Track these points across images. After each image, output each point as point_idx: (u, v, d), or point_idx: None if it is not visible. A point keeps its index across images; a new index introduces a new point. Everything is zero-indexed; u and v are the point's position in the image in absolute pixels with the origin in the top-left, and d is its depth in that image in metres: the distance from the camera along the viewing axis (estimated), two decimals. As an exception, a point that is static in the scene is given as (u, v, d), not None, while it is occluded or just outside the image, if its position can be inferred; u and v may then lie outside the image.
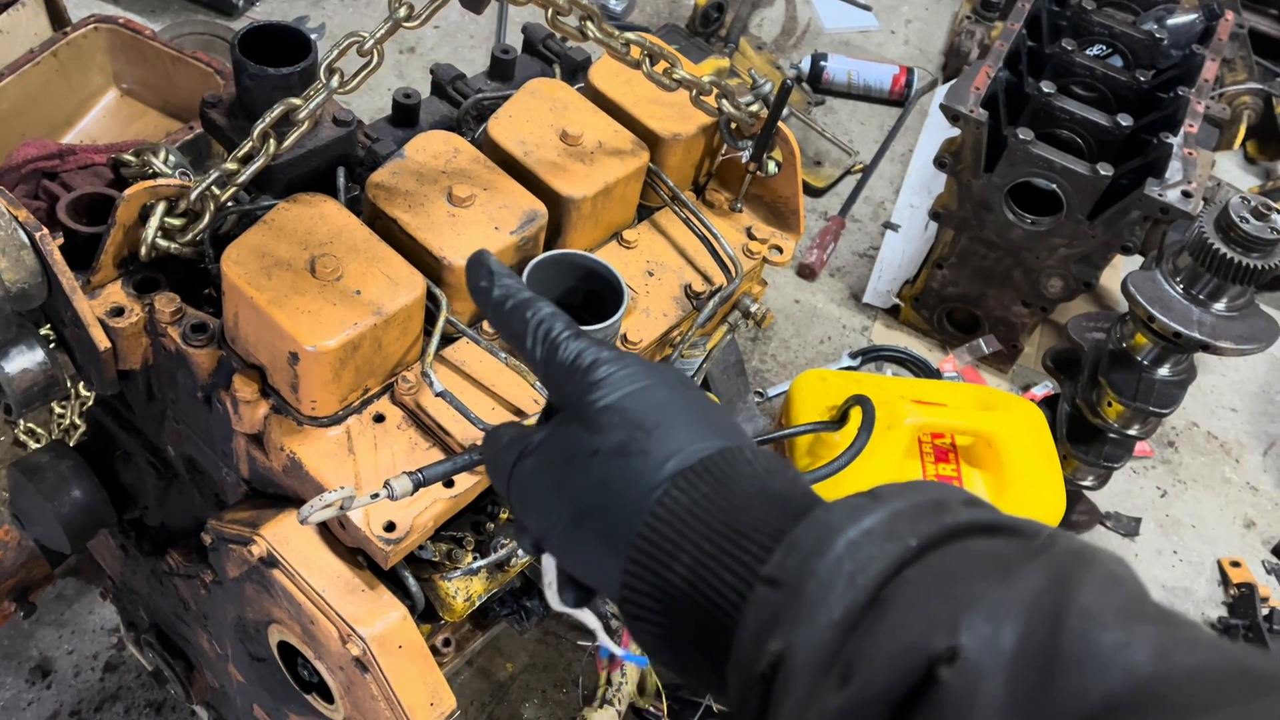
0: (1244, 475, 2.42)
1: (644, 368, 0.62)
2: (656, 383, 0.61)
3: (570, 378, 0.62)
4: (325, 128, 1.14)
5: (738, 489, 0.56)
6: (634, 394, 0.61)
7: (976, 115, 2.06)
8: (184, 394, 1.10)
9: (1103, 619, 0.41)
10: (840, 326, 2.52)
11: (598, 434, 0.59)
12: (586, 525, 0.59)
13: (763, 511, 0.54)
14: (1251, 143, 3.06)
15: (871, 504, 0.49)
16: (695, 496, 0.56)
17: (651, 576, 0.55)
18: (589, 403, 0.61)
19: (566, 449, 0.61)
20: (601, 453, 0.59)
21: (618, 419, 0.59)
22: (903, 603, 0.45)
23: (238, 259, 0.98)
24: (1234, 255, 1.57)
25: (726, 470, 0.57)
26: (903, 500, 0.50)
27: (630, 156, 1.19)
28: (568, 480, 0.60)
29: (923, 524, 0.48)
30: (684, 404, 0.61)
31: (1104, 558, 0.46)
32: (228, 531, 1.04)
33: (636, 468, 0.58)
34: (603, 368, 0.62)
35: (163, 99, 2.34)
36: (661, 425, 0.59)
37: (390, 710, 0.98)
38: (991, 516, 0.49)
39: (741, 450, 0.58)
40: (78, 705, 1.69)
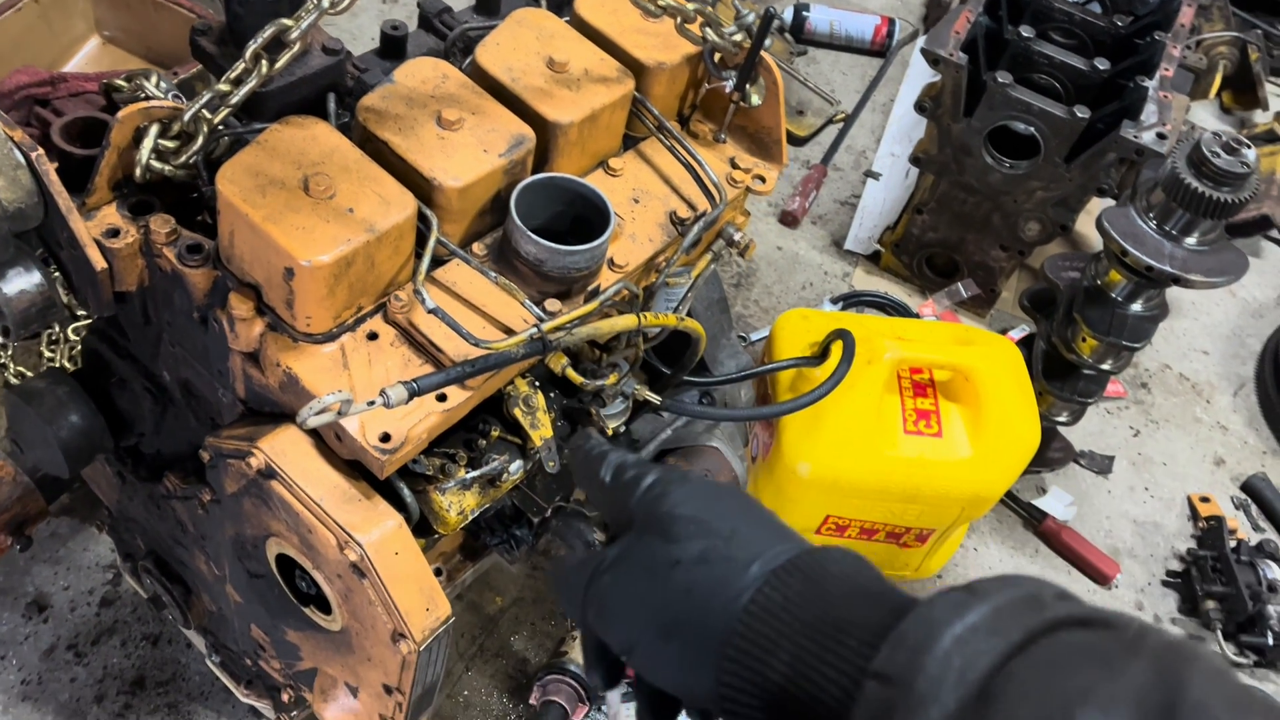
0: (1214, 415, 2.48)
1: (709, 482, 0.65)
2: (724, 493, 0.64)
3: (634, 492, 0.65)
4: (315, 56, 1.16)
5: (830, 586, 0.57)
6: (706, 504, 0.63)
7: (956, 59, 2.08)
8: (180, 315, 1.12)
9: (1215, 712, 0.42)
10: (822, 273, 2.56)
11: (676, 544, 0.61)
12: (675, 634, 0.60)
13: (861, 607, 0.55)
14: (1227, 93, 3.10)
15: (972, 599, 0.50)
16: (789, 594, 0.57)
17: (750, 675, 0.56)
18: (663, 514, 0.63)
19: (645, 561, 0.62)
20: (683, 562, 0.60)
21: (694, 528, 0.61)
22: (1012, 696, 0.46)
23: (232, 177, 1.00)
24: (1206, 190, 1.61)
25: (817, 568, 0.58)
26: (1002, 596, 0.51)
27: (616, 84, 1.21)
28: (650, 592, 0.61)
29: (1024, 619, 0.49)
30: (754, 511, 0.63)
31: (1204, 653, 0.47)
32: (226, 447, 1.07)
33: (721, 574, 0.59)
34: (671, 484, 0.64)
35: (145, 45, 2.33)
36: (739, 532, 0.61)
37: (387, 615, 1.02)
38: (1084, 610, 0.51)
39: (827, 551, 0.60)
40: (74, 639, 1.72)
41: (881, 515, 1.82)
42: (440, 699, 1.75)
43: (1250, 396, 2.54)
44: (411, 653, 1.03)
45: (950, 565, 2.08)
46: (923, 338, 1.81)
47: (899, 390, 1.79)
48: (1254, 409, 2.51)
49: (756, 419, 1.83)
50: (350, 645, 1.12)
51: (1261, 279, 2.82)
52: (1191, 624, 2.09)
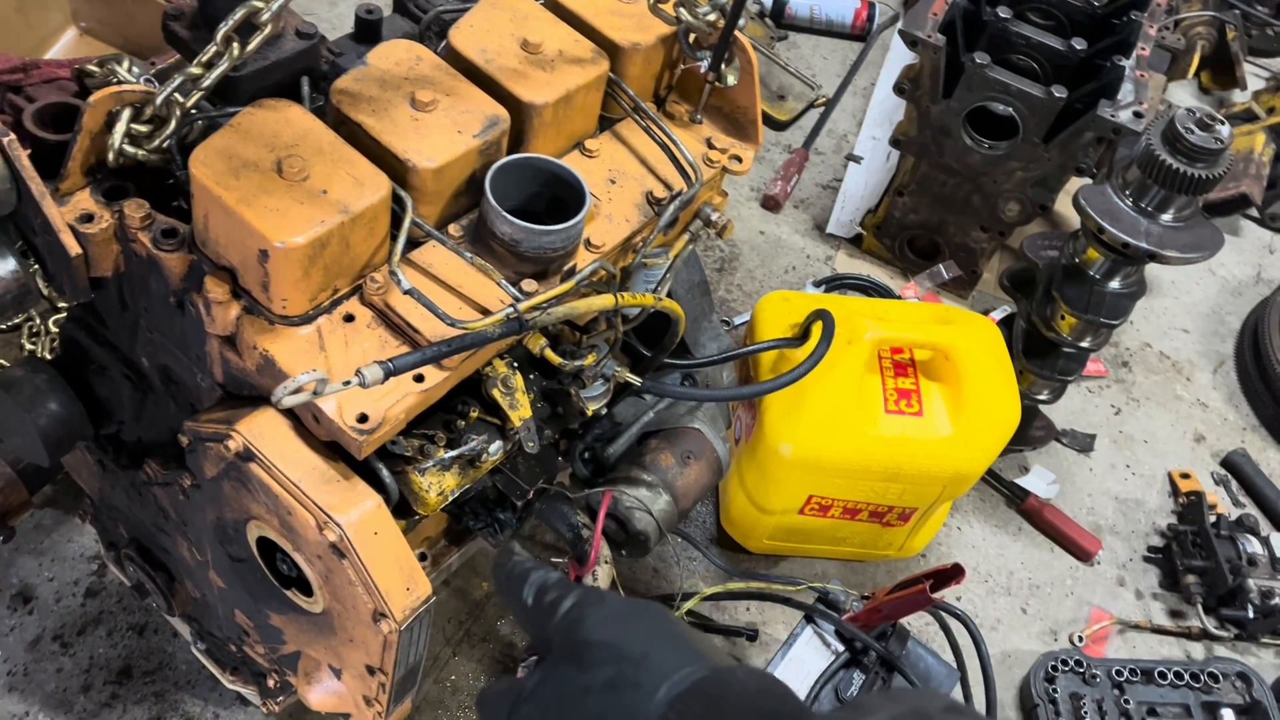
0: (1194, 393, 2.50)
1: (625, 603, 0.66)
2: (637, 614, 0.65)
3: (553, 617, 0.67)
4: (289, 40, 1.16)
5: (731, 709, 0.59)
6: (619, 629, 0.64)
7: (934, 40, 2.09)
8: (156, 300, 1.12)
9: None
10: (804, 256, 2.56)
11: (587, 671, 0.63)
12: None
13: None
14: (1206, 72, 3.12)
15: (855, 717, 0.53)
16: (691, 718, 0.59)
17: None
18: (578, 640, 0.64)
19: (558, 691, 0.63)
20: (593, 691, 0.62)
21: (605, 654, 0.63)
22: None
23: (205, 160, 1.00)
24: (1180, 166, 1.62)
25: (720, 690, 0.60)
26: (884, 713, 0.52)
27: (590, 64, 1.22)
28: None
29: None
30: (667, 632, 0.64)
31: None
32: (204, 430, 1.07)
33: (630, 701, 0.60)
34: (587, 608, 0.66)
35: (123, 36, 2.32)
36: (649, 655, 0.62)
37: (368, 594, 1.02)
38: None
39: (733, 671, 0.61)
40: (60, 630, 1.72)
41: (864, 494, 1.83)
42: (428, 684, 1.76)
43: (1230, 374, 2.56)
44: (393, 632, 1.04)
45: (934, 544, 2.09)
46: (903, 318, 1.82)
47: (880, 370, 1.81)
48: (1233, 386, 2.53)
49: (737, 399, 1.84)
50: (332, 627, 1.12)
51: (1240, 257, 2.84)
52: (1172, 598, 2.11)
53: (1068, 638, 2.02)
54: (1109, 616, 2.06)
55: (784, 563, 2.02)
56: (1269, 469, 2.35)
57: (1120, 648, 2.03)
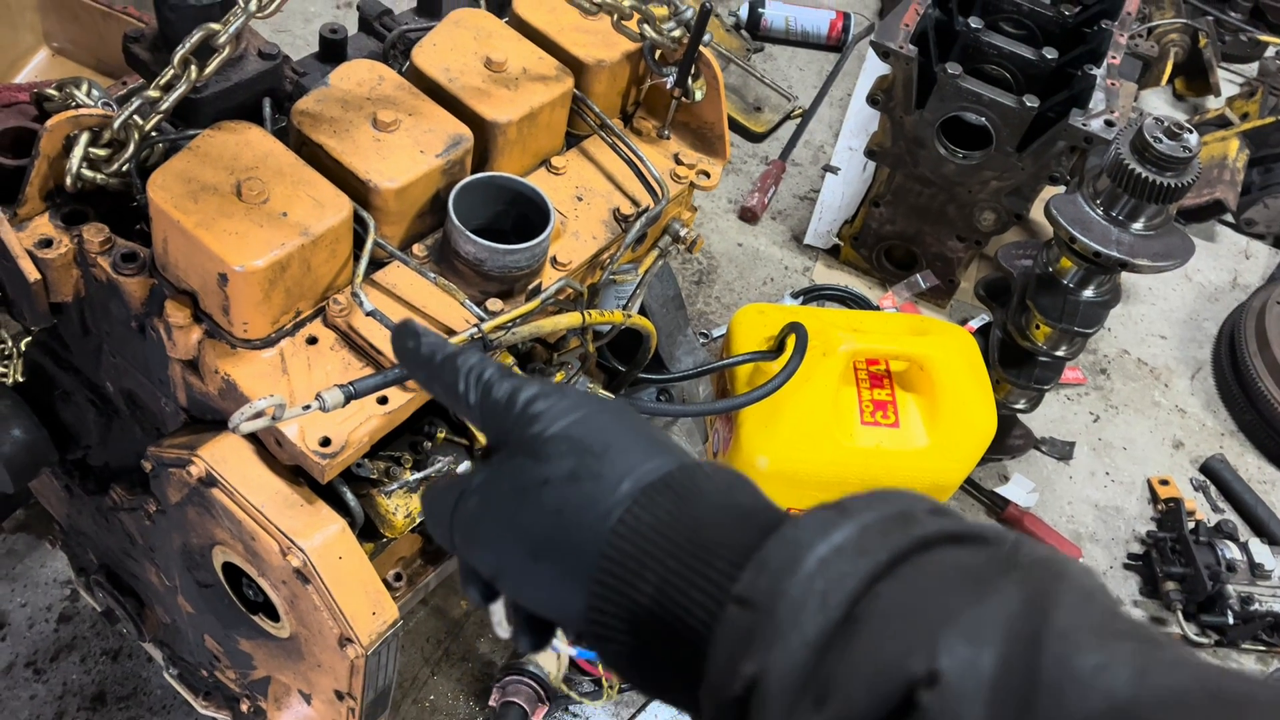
0: (1173, 399, 2.50)
1: (583, 396, 0.61)
2: (598, 409, 0.60)
3: (509, 414, 0.61)
4: (251, 61, 1.15)
5: (701, 504, 0.55)
6: (578, 421, 0.59)
7: (906, 51, 2.09)
8: (118, 325, 1.11)
9: (1080, 640, 0.41)
10: (782, 268, 2.56)
11: (546, 463, 0.58)
12: (544, 556, 0.57)
13: (729, 527, 0.53)
14: (1179, 79, 3.13)
15: (839, 518, 0.48)
16: (658, 514, 0.55)
17: (617, 597, 0.54)
18: (533, 435, 0.59)
19: (514, 482, 0.59)
20: (552, 481, 0.57)
21: (565, 446, 0.58)
22: (877, 620, 0.44)
23: (163, 184, 0.99)
24: (1149, 175, 1.62)
25: (688, 485, 0.56)
26: (871, 513, 0.49)
27: (555, 82, 1.22)
28: (518, 514, 0.58)
29: (892, 537, 0.47)
30: (630, 427, 0.60)
31: (1074, 570, 0.46)
32: (167, 456, 1.06)
33: (591, 492, 0.56)
34: (541, 400, 0.60)
35: (95, 57, 2.31)
36: (612, 448, 0.58)
37: (333, 620, 1.01)
38: (957, 526, 0.49)
39: (700, 466, 0.57)
40: (33, 656, 1.70)
41: (842, 507, 1.82)
42: (406, 704, 1.75)
43: (1208, 379, 2.57)
44: (359, 657, 1.03)
45: (914, 555, 2.09)
46: (878, 329, 1.82)
47: (855, 381, 1.80)
48: (1211, 392, 2.54)
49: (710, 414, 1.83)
50: (300, 652, 1.11)
51: (1216, 263, 2.85)
52: (1153, 605, 2.11)
53: (1049, 646, 2.01)
54: (1090, 624, 2.05)
55: (764, 576, 2.01)
56: (1247, 474, 2.35)
57: (1102, 656, 2.03)
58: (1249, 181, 2.81)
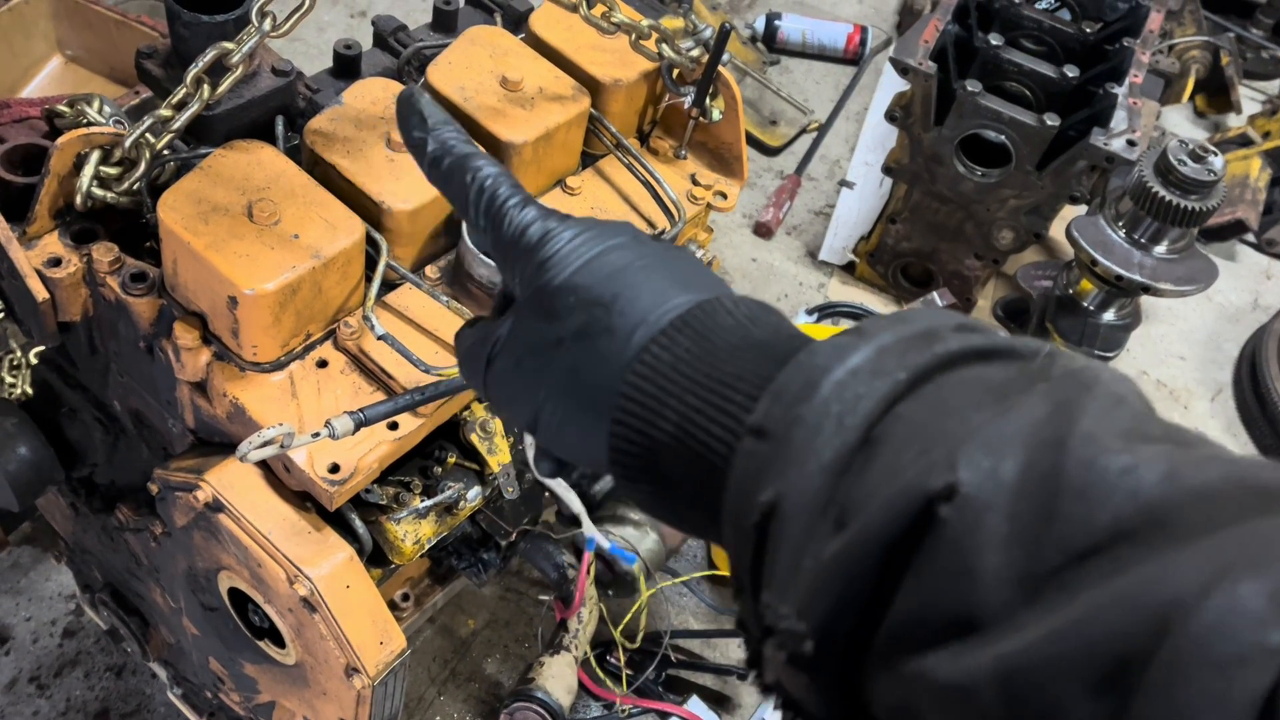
0: (1192, 420, 2.47)
1: (596, 231, 0.58)
2: (609, 247, 0.57)
3: (520, 255, 0.59)
4: (264, 78, 1.14)
5: (720, 340, 0.53)
6: (586, 267, 0.57)
7: (925, 68, 2.07)
8: (126, 345, 1.09)
9: (1107, 443, 0.39)
10: (797, 284, 2.54)
11: (556, 321, 0.56)
12: (565, 411, 0.57)
13: (747, 359, 0.52)
14: (1200, 96, 3.10)
15: (857, 341, 0.47)
16: (677, 352, 0.53)
17: (638, 436, 0.53)
18: (542, 286, 0.57)
19: (529, 343, 0.58)
20: (564, 340, 0.56)
21: (573, 299, 0.56)
22: (895, 440, 0.43)
23: (174, 204, 0.98)
24: (1173, 198, 1.60)
25: (706, 322, 0.54)
26: (890, 334, 0.47)
27: (571, 102, 1.20)
28: (538, 375, 0.58)
29: (911, 356, 0.45)
30: (644, 265, 0.57)
31: (1107, 378, 0.43)
32: (174, 479, 1.04)
33: (603, 349, 0.55)
34: (551, 242, 0.57)
35: (108, 65, 2.31)
36: (621, 296, 0.55)
37: (340, 650, 1.00)
38: (986, 340, 0.47)
39: (720, 300, 0.55)
40: (37, 671, 1.68)
41: (856, 530, 1.80)
42: (411, 725, 1.73)
43: (1228, 402, 2.53)
44: (366, 688, 1.01)
45: (928, 578, 2.06)
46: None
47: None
48: (1231, 414, 2.51)
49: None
50: (306, 679, 1.09)
51: (1237, 283, 2.82)
52: (1171, 633, 2.07)
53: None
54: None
55: (776, 597, 1.99)
56: (1268, 499, 2.32)
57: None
58: (1271, 201, 2.78)
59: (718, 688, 1.82)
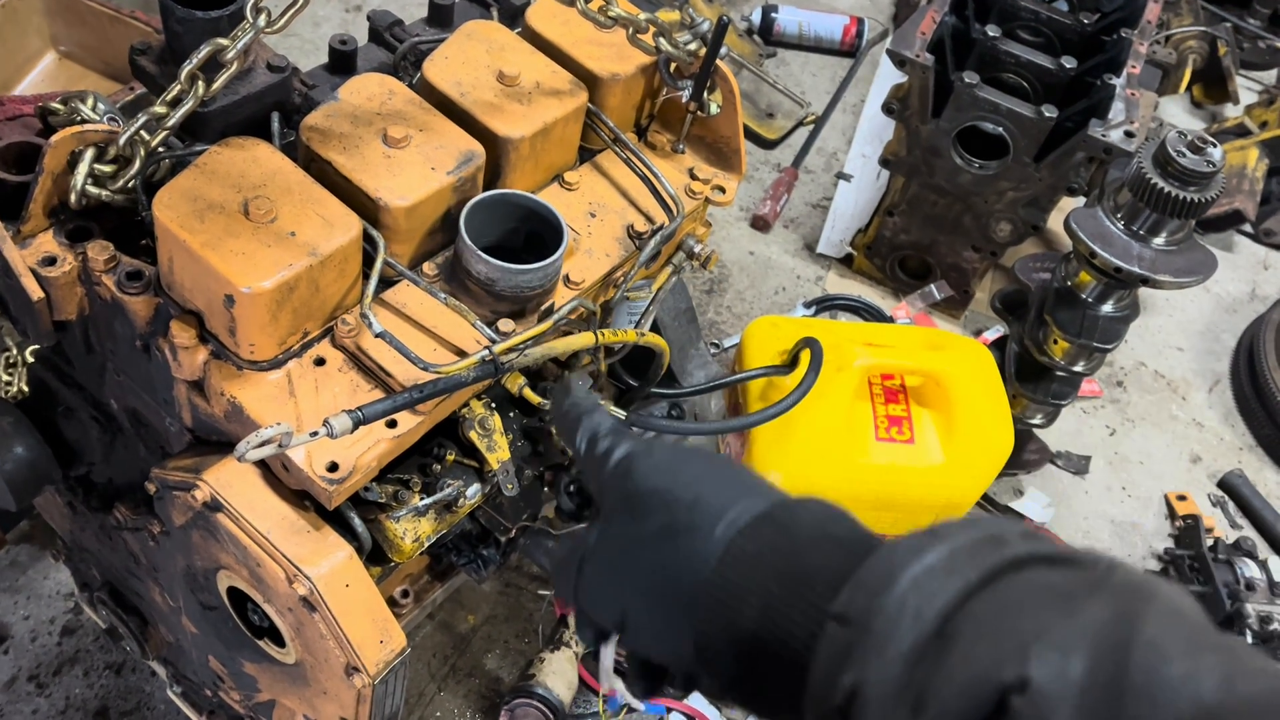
0: (1190, 412, 2.47)
1: (674, 449, 0.66)
2: (688, 458, 0.65)
3: (604, 468, 0.67)
4: (259, 73, 1.13)
5: (801, 535, 0.58)
6: (670, 475, 0.64)
7: (923, 60, 2.06)
8: (123, 344, 1.09)
9: (1168, 651, 0.43)
10: (795, 277, 2.54)
11: (641, 522, 0.63)
12: (656, 606, 0.62)
13: (827, 553, 0.57)
14: (1198, 86, 3.10)
15: (932, 541, 0.51)
16: (761, 544, 0.59)
17: (723, 623, 0.58)
18: (629, 492, 0.65)
19: (618, 543, 0.64)
20: (650, 538, 0.62)
21: (656, 501, 0.63)
22: (970, 634, 0.47)
23: (169, 202, 0.97)
24: (1171, 189, 1.59)
25: (786, 519, 0.60)
26: (962, 536, 0.51)
27: (568, 96, 1.19)
28: (628, 572, 0.63)
29: (982, 558, 0.50)
30: (719, 473, 0.64)
31: (1165, 591, 0.48)
32: (171, 479, 1.04)
33: (687, 546, 0.61)
34: (632, 457, 0.66)
35: (102, 61, 2.29)
36: (702, 498, 0.62)
37: (340, 649, 0.99)
38: (1050, 548, 0.51)
39: (800, 501, 0.61)
40: (36, 669, 1.68)
41: (855, 523, 1.80)
42: (412, 721, 1.72)
43: (1225, 392, 2.54)
44: (366, 686, 1.01)
45: (928, 570, 2.06)
46: (893, 343, 1.79)
47: (870, 397, 1.77)
48: (1229, 405, 2.51)
49: (724, 432, 1.81)
50: (305, 678, 1.09)
51: (1235, 274, 2.82)
52: (1170, 624, 2.08)
53: (1064, 665, 1.98)
54: (1106, 643, 2.02)
55: (775, 591, 1.99)
56: (1266, 490, 2.32)
57: (1118, 675, 2.00)
58: (1268, 191, 2.78)
59: (718, 682, 1.82)
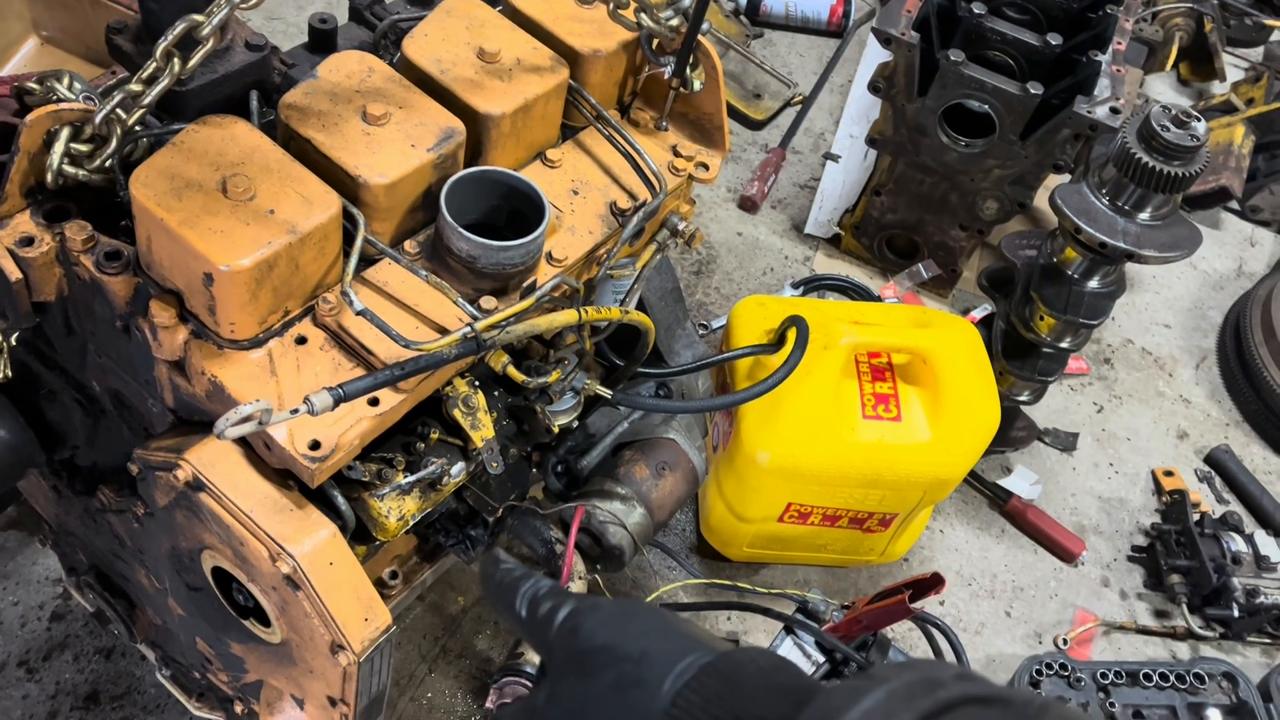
0: (1177, 389, 2.48)
1: (619, 604, 0.67)
2: (634, 614, 0.66)
3: (549, 629, 0.68)
4: (237, 52, 1.12)
5: (744, 685, 0.60)
6: (616, 631, 0.65)
7: (908, 38, 2.06)
8: (103, 325, 1.08)
9: None
10: (782, 257, 2.54)
11: (590, 678, 0.63)
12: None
13: (769, 702, 0.58)
14: (1184, 64, 3.10)
15: (868, 685, 0.53)
16: (706, 694, 0.59)
17: None
18: (576, 650, 0.65)
19: (567, 703, 0.64)
20: (598, 697, 0.63)
21: (604, 658, 0.64)
22: None
23: (146, 180, 0.96)
24: (1156, 164, 1.59)
25: (731, 669, 0.61)
26: (897, 680, 0.53)
27: (549, 73, 1.18)
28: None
29: (917, 701, 0.51)
30: (664, 628, 0.65)
31: None
32: (154, 459, 1.04)
33: (636, 699, 0.61)
34: (582, 616, 0.67)
35: (84, 45, 2.28)
36: (649, 652, 0.63)
37: (324, 627, 0.99)
38: (984, 689, 0.52)
39: (741, 650, 0.62)
40: (25, 655, 1.68)
41: (843, 501, 1.81)
42: (404, 701, 1.73)
43: (1212, 369, 2.54)
44: (351, 664, 1.01)
45: (916, 548, 2.07)
46: (880, 321, 1.79)
47: (857, 375, 1.78)
48: (1216, 381, 2.52)
49: (710, 410, 1.81)
50: (292, 657, 1.09)
51: (1221, 250, 2.82)
52: (1157, 598, 2.09)
53: (1052, 640, 2.00)
54: (1094, 618, 2.04)
55: (765, 570, 2.00)
56: (1252, 465, 2.33)
57: (1105, 649, 2.01)
58: (1254, 168, 2.78)
59: (707, 660, 1.83)
